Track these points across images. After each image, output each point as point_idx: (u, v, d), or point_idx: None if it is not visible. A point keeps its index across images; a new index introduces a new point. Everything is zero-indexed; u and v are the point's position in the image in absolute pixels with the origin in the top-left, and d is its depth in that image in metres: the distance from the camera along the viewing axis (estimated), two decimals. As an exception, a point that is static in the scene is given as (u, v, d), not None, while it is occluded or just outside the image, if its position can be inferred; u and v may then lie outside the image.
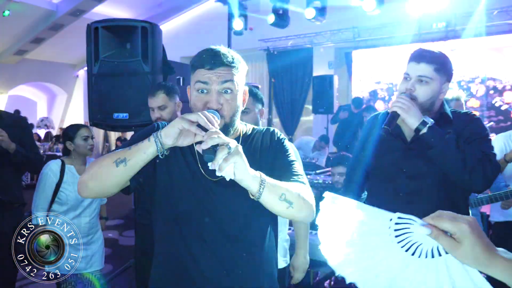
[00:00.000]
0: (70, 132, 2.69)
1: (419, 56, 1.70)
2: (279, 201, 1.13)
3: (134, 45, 2.97)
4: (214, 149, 1.03)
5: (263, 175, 1.12)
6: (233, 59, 1.24)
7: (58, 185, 2.59)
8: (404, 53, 8.58)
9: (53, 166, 2.63)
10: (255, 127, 1.43)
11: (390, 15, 7.61)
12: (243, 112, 2.34)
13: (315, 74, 9.09)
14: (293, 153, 1.37)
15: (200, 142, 1.07)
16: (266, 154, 1.31)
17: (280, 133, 1.39)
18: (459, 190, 1.72)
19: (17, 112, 14.48)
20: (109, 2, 10.28)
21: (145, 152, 1.10)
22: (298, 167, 1.32)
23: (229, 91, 1.22)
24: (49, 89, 14.68)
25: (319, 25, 6.84)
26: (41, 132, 13.11)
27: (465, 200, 1.80)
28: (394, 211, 0.80)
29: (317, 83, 7.82)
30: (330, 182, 3.94)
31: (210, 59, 1.21)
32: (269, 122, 10.43)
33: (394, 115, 1.62)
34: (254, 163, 1.23)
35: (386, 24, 8.11)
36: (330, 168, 3.40)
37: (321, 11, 6.19)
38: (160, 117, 2.50)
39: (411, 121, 1.60)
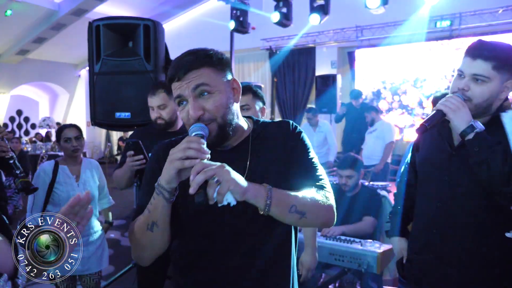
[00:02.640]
0: (57, 134, 2.71)
1: (476, 51, 1.46)
2: (289, 213, 1.09)
3: (136, 43, 2.93)
4: (203, 189, 0.98)
5: (269, 189, 1.07)
6: (199, 57, 1.15)
7: (51, 186, 2.57)
8: (407, 52, 8.56)
9: (45, 167, 2.63)
10: (267, 120, 1.34)
11: (393, 14, 7.56)
12: (242, 108, 2.29)
13: (317, 73, 9.05)
14: (311, 149, 1.28)
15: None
16: (281, 152, 1.23)
17: (297, 126, 1.29)
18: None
19: (19, 112, 14.52)
20: (111, 1, 10.26)
21: (162, 206, 1.10)
22: (317, 166, 1.25)
23: (206, 93, 1.14)
24: (51, 89, 14.67)
25: (321, 24, 6.79)
26: (44, 132, 13.13)
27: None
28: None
29: (320, 82, 7.78)
30: (335, 182, 3.89)
31: (176, 69, 1.16)
32: (272, 122, 10.39)
33: (439, 114, 1.45)
34: (267, 162, 1.20)
35: (389, 23, 8.07)
36: (335, 168, 3.34)
37: (324, 9, 6.13)
38: (160, 116, 2.43)
39: (457, 123, 1.42)
